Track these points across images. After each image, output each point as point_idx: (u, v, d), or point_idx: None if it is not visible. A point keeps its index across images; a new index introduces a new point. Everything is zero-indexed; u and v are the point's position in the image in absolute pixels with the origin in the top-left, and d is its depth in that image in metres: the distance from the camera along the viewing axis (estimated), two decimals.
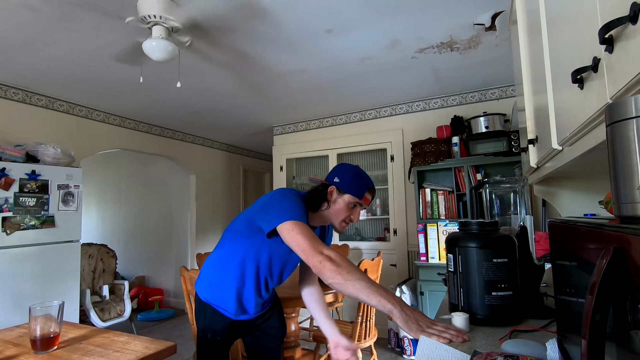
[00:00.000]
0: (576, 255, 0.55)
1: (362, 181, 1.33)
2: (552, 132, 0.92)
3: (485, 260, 1.04)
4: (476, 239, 1.07)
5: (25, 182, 2.61)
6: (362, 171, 1.37)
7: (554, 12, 0.87)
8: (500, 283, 1.03)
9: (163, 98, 3.40)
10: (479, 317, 1.04)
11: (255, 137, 5.08)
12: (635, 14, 0.43)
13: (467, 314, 1.00)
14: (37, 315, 1.17)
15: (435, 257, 2.93)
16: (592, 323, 0.38)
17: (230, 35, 2.24)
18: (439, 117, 3.53)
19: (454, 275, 1.11)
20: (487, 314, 1.03)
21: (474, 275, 1.05)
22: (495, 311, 1.03)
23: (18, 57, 2.49)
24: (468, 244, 1.07)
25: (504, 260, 1.04)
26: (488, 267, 1.04)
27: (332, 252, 1.11)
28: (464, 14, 2.11)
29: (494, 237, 1.07)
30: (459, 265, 1.09)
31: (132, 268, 5.25)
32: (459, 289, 1.08)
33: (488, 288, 1.03)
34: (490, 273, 1.04)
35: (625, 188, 0.43)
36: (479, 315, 1.04)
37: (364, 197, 1.32)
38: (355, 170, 1.35)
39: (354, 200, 1.31)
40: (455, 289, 1.10)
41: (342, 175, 1.34)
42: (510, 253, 1.06)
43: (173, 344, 1.23)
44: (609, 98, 0.53)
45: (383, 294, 1.01)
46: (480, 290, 1.04)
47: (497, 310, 1.03)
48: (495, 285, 1.03)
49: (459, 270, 1.08)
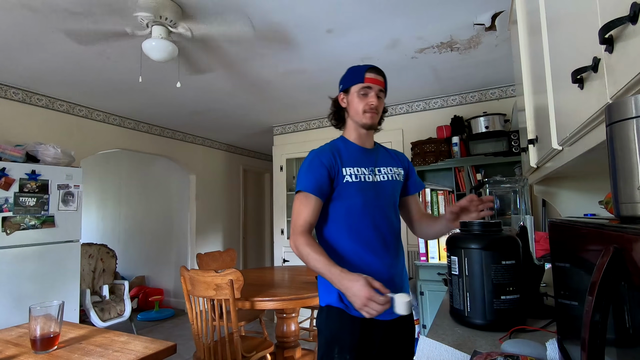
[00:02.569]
0: (576, 255, 0.55)
1: (357, 68, 1.27)
2: (552, 132, 0.92)
3: (493, 262, 0.99)
4: (483, 240, 1.03)
5: (25, 182, 2.61)
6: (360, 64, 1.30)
7: (554, 12, 0.87)
8: (508, 286, 0.99)
9: (163, 98, 3.40)
10: (486, 323, 0.99)
11: (255, 137, 5.08)
12: (635, 14, 0.43)
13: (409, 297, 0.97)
14: (37, 315, 1.17)
15: (435, 257, 2.93)
16: (592, 323, 0.38)
17: (229, 36, 2.23)
18: (439, 117, 3.53)
19: (458, 278, 1.05)
20: (494, 319, 0.99)
21: (481, 278, 1.00)
22: (503, 316, 0.99)
23: (18, 57, 2.49)
24: (473, 246, 1.03)
25: (512, 262, 1.00)
26: (497, 269, 0.99)
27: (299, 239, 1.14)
28: (464, 14, 2.11)
29: (501, 238, 1.04)
30: (464, 268, 1.03)
31: (132, 268, 5.25)
32: (465, 294, 1.03)
33: (496, 292, 0.99)
34: (499, 276, 0.99)
35: (625, 188, 0.43)
36: (486, 321, 0.99)
37: (366, 78, 1.23)
38: (351, 67, 1.31)
39: (359, 87, 1.25)
40: (460, 294, 1.05)
41: (341, 80, 1.32)
42: (517, 254, 1.03)
43: (173, 344, 1.23)
44: (609, 98, 0.53)
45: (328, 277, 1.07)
46: (489, 294, 0.99)
47: (504, 315, 0.99)
48: (504, 288, 0.99)
49: (464, 274, 1.03)
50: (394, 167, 1.34)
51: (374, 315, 0.97)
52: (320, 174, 1.20)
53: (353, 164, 1.25)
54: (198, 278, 1.92)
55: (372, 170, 1.28)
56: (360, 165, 1.26)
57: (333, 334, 1.18)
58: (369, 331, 1.18)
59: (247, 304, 1.92)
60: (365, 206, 1.22)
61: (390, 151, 1.42)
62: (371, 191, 1.24)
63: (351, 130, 1.32)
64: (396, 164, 1.36)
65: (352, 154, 1.28)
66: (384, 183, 1.28)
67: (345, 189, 1.22)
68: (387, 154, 1.39)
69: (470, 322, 1.03)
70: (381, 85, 1.26)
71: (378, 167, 1.30)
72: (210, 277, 1.89)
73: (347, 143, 1.32)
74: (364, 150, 1.31)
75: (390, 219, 1.28)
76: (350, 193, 1.22)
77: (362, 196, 1.22)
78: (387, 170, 1.31)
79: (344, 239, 1.22)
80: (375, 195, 1.24)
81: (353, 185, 1.22)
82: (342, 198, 1.22)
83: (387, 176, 1.30)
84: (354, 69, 1.28)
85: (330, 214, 1.24)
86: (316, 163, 1.22)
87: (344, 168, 1.23)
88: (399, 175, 1.34)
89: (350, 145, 1.31)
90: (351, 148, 1.30)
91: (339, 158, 1.25)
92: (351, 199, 1.22)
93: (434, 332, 1.05)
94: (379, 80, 1.25)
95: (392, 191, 1.30)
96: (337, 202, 1.23)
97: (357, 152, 1.30)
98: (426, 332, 1.51)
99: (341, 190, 1.22)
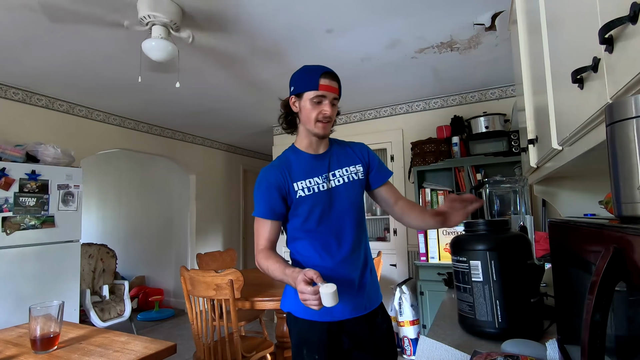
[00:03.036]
0: (576, 255, 0.55)
1: (311, 72, 1.19)
2: (552, 132, 0.92)
3: (521, 263, 0.92)
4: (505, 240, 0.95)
5: (25, 182, 2.61)
6: (313, 65, 1.23)
7: (554, 12, 0.87)
8: (533, 287, 0.94)
9: (163, 98, 3.40)
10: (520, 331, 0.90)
11: (255, 137, 5.08)
12: (635, 14, 0.43)
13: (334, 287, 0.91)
14: (37, 315, 1.17)
15: (435, 257, 2.93)
16: (592, 323, 0.38)
17: (230, 35, 2.24)
18: (439, 117, 3.53)
19: (483, 286, 0.92)
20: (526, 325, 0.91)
21: (511, 281, 0.91)
22: (532, 320, 0.92)
23: (18, 57, 2.49)
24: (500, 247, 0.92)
25: (532, 261, 0.95)
26: (524, 270, 0.91)
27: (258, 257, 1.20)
28: (464, 14, 2.11)
29: (521, 237, 0.98)
30: (492, 272, 0.91)
31: (132, 268, 5.25)
32: (494, 302, 0.91)
33: (527, 295, 0.91)
34: (527, 277, 0.92)
35: (625, 188, 0.43)
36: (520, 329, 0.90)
37: (321, 85, 1.17)
38: (303, 67, 1.23)
39: (312, 95, 1.18)
40: (487, 303, 0.92)
41: (292, 81, 1.25)
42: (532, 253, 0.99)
43: (173, 344, 1.23)
44: (609, 98, 0.53)
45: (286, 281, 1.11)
46: (521, 298, 0.91)
47: (533, 319, 0.93)
48: (531, 290, 0.92)
49: (492, 279, 0.91)
50: (350, 166, 1.30)
51: (314, 307, 0.95)
52: (270, 196, 1.21)
53: (304, 177, 1.24)
54: (198, 278, 1.92)
55: (326, 177, 1.25)
56: (312, 175, 1.24)
57: (300, 336, 1.20)
58: (333, 330, 1.19)
59: (247, 304, 1.92)
60: (322, 215, 1.22)
61: (347, 147, 1.35)
62: (326, 199, 1.23)
63: (302, 137, 1.29)
64: (352, 161, 1.31)
65: (303, 165, 1.26)
66: (339, 187, 1.25)
67: (300, 203, 1.22)
68: (342, 153, 1.33)
69: (499, 334, 0.91)
70: (335, 93, 1.21)
71: (332, 171, 1.27)
72: (210, 277, 1.89)
73: (298, 153, 1.29)
74: (316, 158, 1.28)
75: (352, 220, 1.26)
76: (304, 206, 1.22)
77: (318, 206, 1.22)
78: (342, 173, 1.27)
79: (307, 248, 1.24)
80: (330, 203, 1.23)
81: (307, 199, 1.22)
82: (298, 212, 1.23)
83: (343, 178, 1.27)
84: (307, 71, 1.21)
85: (290, 229, 1.27)
86: (264, 186, 1.22)
87: (294, 183, 1.22)
88: (356, 173, 1.29)
89: (302, 156, 1.28)
90: (302, 158, 1.27)
91: (288, 174, 1.23)
92: (306, 211, 1.22)
93: (434, 332, 1.05)
94: (333, 88, 1.19)
95: (349, 193, 1.27)
96: (294, 217, 1.24)
97: (308, 161, 1.27)
98: (426, 332, 1.51)
99: (297, 205, 1.22)
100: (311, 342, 1.18)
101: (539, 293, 0.96)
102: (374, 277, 1.31)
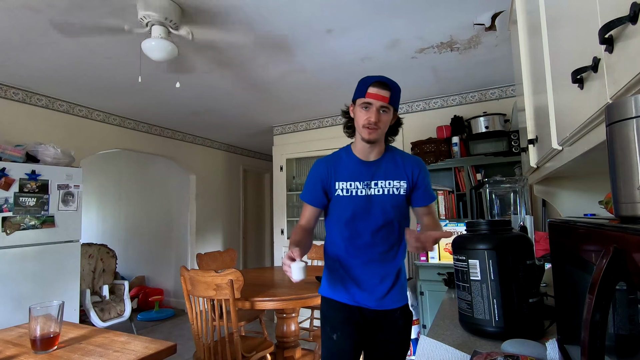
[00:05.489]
0: (576, 255, 0.55)
1: (364, 81, 1.27)
2: (552, 132, 0.92)
3: (520, 263, 0.93)
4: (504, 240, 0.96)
5: (25, 182, 2.61)
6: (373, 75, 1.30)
7: (554, 12, 0.87)
8: (533, 288, 0.94)
9: (163, 98, 3.40)
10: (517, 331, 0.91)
11: (255, 137, 5.08)
12: (635, 14, 0.43)
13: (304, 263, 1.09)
14: (37, 315, 1.17)
15: (435, 257, 2.92)
16: (592, 323, 0.38)
17: (230, 35, 2.23)
18: (439, 117, 3.53)
19: (481, 284, 0.94)
20: (524, 325, 0.92)
21: (510, 281, 0.92)
22: (531, 320, 0.93)
23: (18, 57, 2.49)
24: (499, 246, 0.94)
25: (533, 262, 0.96)
26: (524, 270, 0.92)
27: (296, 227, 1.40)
28: (464, 14, 2.11)
29: (521, 236, 0.99)
30: (489, 271, 0.93)
31: (132, 268, 5.25)
32: (492, 301, 0.93)
33: (525, 295, 0.92)
34: (526, 277, 0.92)
35: (625, 188, 0.43)
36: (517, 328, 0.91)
37: (368, 93, 1.24)
38: (363, 77, 1.30)
39: (361, 102, 1.26)
40: (484, 301, 0.94)
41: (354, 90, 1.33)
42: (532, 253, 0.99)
43: (173, 344, 1.23)
44: (609, 98, 0.53)
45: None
46: (519, 298, 0.92)
47: (532, 319, 0.93)
48: (530, 290, 0.93)
49: (490, 278, 0.93)
50: (395, 181, 1.35)
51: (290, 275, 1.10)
52: (314, 186, 1.37)
53: (347, 178, 1.34)
54: (198, 278, 1.92)
55: (367, 184, 1.34)
56: (355, 179, 1.34)
57: (325, 315, 1.38)
58: (353, 314, 1.33)
59: (247, 304, 1.92)
60: (354, 216, 1.33)
61: (400, 160, 1.38)
62: (361, 204, 1.33)
63: (357, 141, 1.37)
64: (398, 176, 1.35)
65: (350, 168, 1.35)
66: (377, 197, 1.33)
67: (337, 200, 1.35)
68: (392, 166, 1.36)
69: (497, 333, 0.93)
70: (384, 101, 1.24)
71: (375, 180, 1.34)
72: (210, 277, 1.89)
73: (350, 155, 1.38)
74: (363, 164, 1.35)
75: (384, 228, 1.34)
76: (341, 205, 1.35)
77: (352, 208, 1.33)
78: (384, 184, 1.34)
79: (337, 240, 1.38)
80: (365, 208, 1.33)
81: (343, 199, 1.34)
82: (335, 207, 1.37)
83: (383, 190, 1.34)
84: (362, 81, 1.29)
85: (328, 216, 1.42)
86: (312, 176, 1.39)
87: (336, 182, 1.34)
88: (398, 189, 1.35)
89: (352, 158, 1.37)
90: (351, 161, 1.36)
91: (334, 172, 1.35)
92: (342, 209, 1.35)
93: (434, 332, 1.05)
94: (380, 96, 1.23)
95: (385, 204, 1.34)
96: (332, 209, 1.39)
97: (355, 165, 1.35)
98: (426, 332, 1.52)
99: (335, 202, 1.36)
100: (333, 317, 1.35)
101: (539, 293, 0.97)
102: (400, 284, 1.40)
